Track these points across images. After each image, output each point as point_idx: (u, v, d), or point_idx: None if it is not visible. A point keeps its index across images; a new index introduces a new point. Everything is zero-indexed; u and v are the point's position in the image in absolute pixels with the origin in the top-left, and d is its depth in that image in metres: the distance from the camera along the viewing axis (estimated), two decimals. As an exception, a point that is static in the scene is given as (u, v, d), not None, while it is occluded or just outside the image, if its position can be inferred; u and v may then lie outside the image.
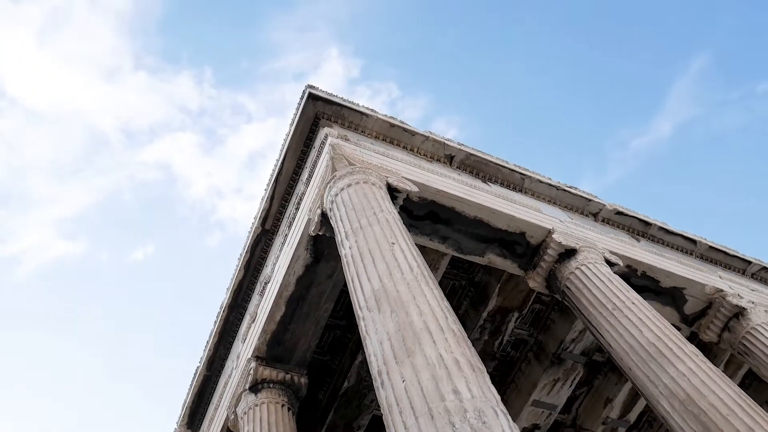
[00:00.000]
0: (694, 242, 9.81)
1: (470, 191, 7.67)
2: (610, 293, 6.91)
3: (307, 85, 7.74)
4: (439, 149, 8.31)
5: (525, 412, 10.11)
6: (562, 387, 10.00)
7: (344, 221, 6.05)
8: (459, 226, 7.60)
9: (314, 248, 7.27)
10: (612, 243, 8.45)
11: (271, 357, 7.97)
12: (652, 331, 6.35)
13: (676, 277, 8.42)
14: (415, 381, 3.97)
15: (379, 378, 4.33)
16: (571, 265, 7.53)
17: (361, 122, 7.99)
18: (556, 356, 9.73)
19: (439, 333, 4.35)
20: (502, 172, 8.64)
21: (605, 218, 9.32)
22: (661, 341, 6.19)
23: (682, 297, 8.60)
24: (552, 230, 7.77)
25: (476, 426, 3.54)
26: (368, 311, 4.84)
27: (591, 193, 9.49)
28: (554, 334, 9.78)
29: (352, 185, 6.46)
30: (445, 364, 4.03)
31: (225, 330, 9.10)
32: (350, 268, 5.51)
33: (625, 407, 10.32)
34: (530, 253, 7.94)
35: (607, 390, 10.32)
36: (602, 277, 7.19)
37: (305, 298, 7.67)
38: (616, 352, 6.57)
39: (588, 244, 7.80)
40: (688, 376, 5.87)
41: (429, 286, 4.93)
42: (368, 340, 4.70)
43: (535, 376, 9.94)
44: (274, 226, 8.42)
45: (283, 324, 7.76)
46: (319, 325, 8.00)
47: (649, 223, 9.48)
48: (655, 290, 8.52)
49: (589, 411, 10.61)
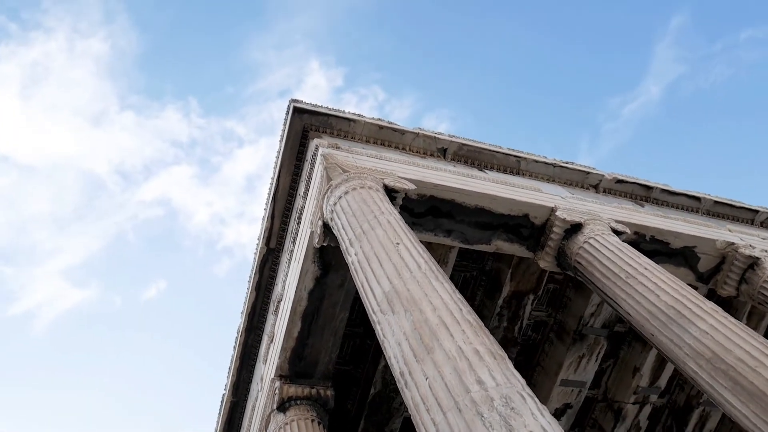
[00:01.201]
0: (699, 199, 9.77)
1: (468, 181, 7.65)
2: (622, 262, 6.87)
3: (291, 100, 7.74)
4: (431, 144, 8.30)
5: (555, 393, 10.07)
6: (588, 363, 9.96)
7: (346, 229, 6.04)
8: (461, 217, 7.58)
9: (321, 260, 7.25)
10: (616, 212, 8.41)
11: (295, 374, 7.95)
12: (669, 293, 6.31)
13: (685, 236, 8.37)
14: (438, 377, 3.94)
15: (402, 379, 4.30)
16: (578, 239, 7.50)
17: (350, 129, 7.98)
18: (577, 333, 9.68)
19: (456, 326, 4.33)
20: (496, 158, 8.62)
21: (606, 188, 9.29)
22: (680, 303, 6.14)
23: (695, 255, 8.55)
24: (555, 208, 7.74)
25: (505, 413, 3.51)
26: (382, 314, 4.82)
27: (589, 165, 9.47)
28: (572, 311, 9.74)
29: (350, 192, 6.45)
30: (466, 355, 4.00)
31: (245, 354, 9.09)
32: (359, 274, 5.49)
33: (654, 374, 10.27)
34: (536, 234, 7.91)
35: (634, 359, 10.27)
36: (611, 247, 7.15)
37: (320, 311, 7.65)
38: (636, 320, 6.53)
39: (593, 217, 7.76)
40: (711, 333, 5.82)
41: (439, 280, 4.90)
42: (386, 343, 4.67)
43: (560, 355, 9.90)
44: (278, 244, 8.42)
45: (301, 339, 7.74)
46: (337, 335, 7.98)
47: (651, 187, 9.45)
48: (667, 253, 8.47)
49: (618, 383, 10.56)
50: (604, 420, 10.78)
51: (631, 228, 8.06)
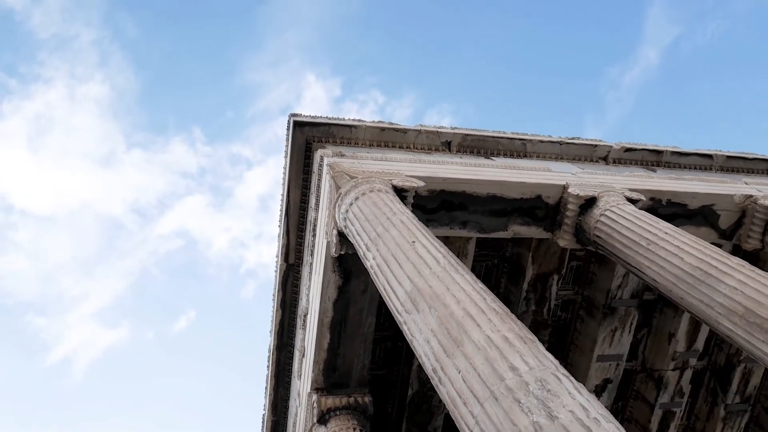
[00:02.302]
0: (711, 157, 9.67)
1: (476, 170, 7.63)
2: (641, 230, 6.81)
3: (290, 115, 7.77)
4: (435, 139, 8.29)
5: (593, 370, 9.99)
6: (621, 335, 9.87)
7: (361, 234, 6.04)
8: (474, 207, 7.56)
9: (341, 268, 7.26)
10: (629, 181, 8.35)
11: (330, 385, 7.96)
12: (693, 255, 6.24)
13: (702, 195, 8.28)
14: (470, 369, 3.93)
15: (435, 376, 4.30)
16: (594, 213, 7.44)
17: (352, 135, 8.00)
18: (607, 307, 9.61)
19: (482, 316, 4.31)
20: (502, 144, 8.59)
21: (616, 159, 9.23)
22: (704, 262, 6.07)
23: (714, 213, 8.46)
24: (567, 185, 7.70)
25: (542, 396, 3.49)
26: (407, 314, 4.81)
27: (596, 138, 9.41)
28: (599, 286, 9.67)
29: (360, 197, 6.45)
30: (495, 344, 3.99)
31: (279, 372, 9.13)
32: (379, 277, 5.50)
33: (690, 337, 10.16)
34: (551, 213, 7.87)
35: (667, 325, 10.17)
36: (628, 216, 7.09)
37: (346, 319, 7.66)
38: (663, 285, 6.46)
39: (606, 189, 7.70)
40: (741, 288, 5.75)
41: (459, 273, 4.89)
42: (415, 342, 4.67)
43: (592, 331, 9.82)
44: (297, 258, 8.44)
45: (332, 350, 7.75)
46: (367, 341, 7.98)
47: (661, 151, 9.36)
48: (685, 214, 8.39)
49: (655, 351, 10.46)
50: (646, 390, 10.69)
51: (646, 195, 7.99)
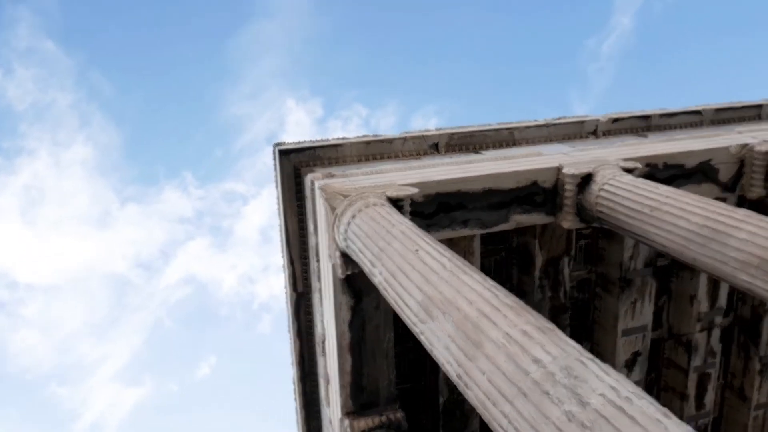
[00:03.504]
0: (699, 112, 9.62)
1: (467, 167, 7.58)
2: (642, 198, 6.74)
3: (274, 144, 7.75)
4: (421, 143, 8.25)
5: (619, 345, 9.88)
6: (642, 306, 9.77)
7: (364, 252, 5.98)
8: (473, 204, 7.50)
9: (350, 288, 7.20)
10: (622, 151, 8.29)
11: (360, 407, 7.87)
12: (698, 214, 6.16)
13: (697, 152, 8.21)
14: (494, 369, 3.85)
15: (461, 381, 4.22)
16: (593, 189, 7.38)
17: (339, 154, 7.96)
18: (622, 280, 9.51)
19: (497, 313, 4.24)
20: (489, 136, 8.55)
21: (605, 131, 9.18)
22: (711, 220, 6.00)
23: (712, 168, 8.38)
24: (560, 166, 7.64)
25: (570, 384, 3.42)
26: (422, 324, 4.74)
27: (582, 114, 9.36)
28: (611, 261, 9.58)
29: (356, 215, 6.40)
30: (515, 339, 3.91)
31: (307, 402, 9.04)
32: (389, 292, 5.43)
33: (711, 296, 10.05)
34: (550, 197, 7.80)
35: (686, 288, 10.07)
36: (627, 186, 7.02)
37: (365, 338, 7.58)
38: (674, 249, 6.38)
39: (600, 163, 7.64)
40: (752, 239, 5.67)
41: (467, 274, 4.82)
42: (435, 351, 4.60)
43: (613, 307, 9.72)
44: (305, 286, 8.38)
45: (355, 372, 7.67)
46: (389, 357, 7.89)
47: (648, 116, 9.32)
48: (684, 174, 8.31)
49: (679, 316, 10.35)
50: (677, 356, 10.56)
51: (641, 162, 7.93)
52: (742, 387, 11.09)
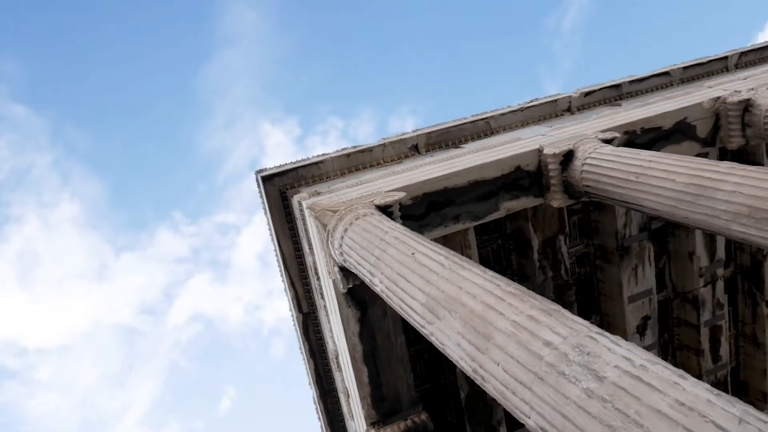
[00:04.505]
0: (668, 73, 9.72)
1: (449, 163, 7.63)
2: (625, 166, 6.81)
3: (256, 172, 7.78)
4: (401, 147, 8.30)
5: (628, 312, 9.94)
6: (644, 270, 9.84)
7: (362, 263, 6.01)
8: (461, 198, 7.54)
9: (355, 301, 7.23)
10: (599, 123, 8.36)
11: (384, 415, 7.89)
12: (683, 173, 6.24)
13: (672, 113, 8.30)
14: (507, 358, 3.89)
15: (477, 375, 4.26)
16: (576, 165, 7.44)
17: (321, 170, 8.00)
18: (620, 248, 9.59)
19: (501, 303, 4.28)
20: (466, 129, 8.61)
21: (579, 106, 9.26)
22: (696, 177, 6.07)
23: (689, 126, 8.47)
24: (540, 148, 7.70)
25: (583, 361, 3.46)
26: (430, 325, 4.78)
27: (554, 94, 9.44)
28: (606, 231, 9.66)
29: (348, 228, 6.43)
30: (523, 326, 3.96)
31: (331, 419, 9.05)
32: (392, 298, 5.46)
33: (709, 251, 10.15)
34: (536, 179, 7.86)
35: (684, 246, 10.16)
36: (609, 157, 7.09)
37: (377, 347, 7.61)
38: (665, 211, 6.44)
39: (579, 138, 7.71)
40: (739, 190, 5.74)
41: (466, 268, 4.86)
42: (447, 349, 4.63)
43: (615, 276, 9.80)
44: (310, 306, 8.40)
45: (373, 382, 7.69)
46: (404, 361, 7.92)
47: (619, 84, 9.41)
48: (663, 136, 8.40)
49: (681, 274, 10.43)
50: (686, 314, 10.64)
51: (619, 131, 8.01)
52: (755, 333, 11.19)
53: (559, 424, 3.36)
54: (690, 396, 2.91)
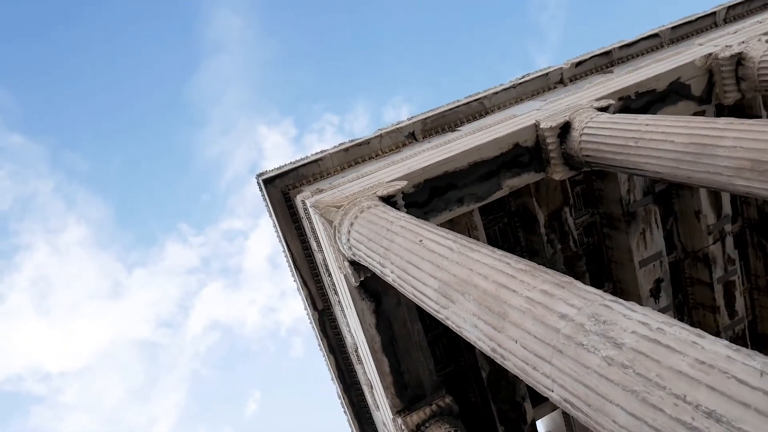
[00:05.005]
0: (657, 35, 9.68)
1: (448, 147, 7.64)
2: (623, 132, 6.80)
3: (257, 175, 7.81)
4: (398, 136, 8.31)
5: (640, 277, 9.97)
6: (652, 234, 9.85)
7: (371, 255, 6.04)
8: (463, 181, 7.56)
9: (368, 293, 7.26)
10: (592, 92, 8.35)
11: (408, 402, 7.95)
12: (681, 133, 6.24)
13: (664, 74, 8.27)
14: (524, 335, 3.93)
15: (497, 354, 4.29)
16: (574, 136, 7.44)
17: (321, 167, 8.02)
18: (626, 214, 9.60)
19: (513, 281, 4.31)
20: (461, 112, 8.61)
21: (571, 77, 9.24)
22: (694, 136, 6.07)
23: (684, 85, 8.45)
24: (537, 122, 7.70)
25: (600, 330, 3.49)
26: (445, 309, 4.81)
27: (544, 67, 9.42)
28: (610, 198, 9.66)
29: (354, 222, 6.46)
30: (537, 301, 3.98)
31: (357, 412, 9.11)
32: (405, 287, 5.49)
33: (716, 208, 10.14)
34: (535, 154, 7.86)
35: (690, 205, 10.16)
36: (606, 124, 7.09)
37: (395, 337, 7.65)
38: (667, 173, 6.45)
39: (575, 109, 7.70)
40: (739, 144, 5.74)
41: (475, 249, 4.89)
42: (464, 331, 4.66)
43: (624, 242, 9.81)
44: (324, 302, 8.45)
45: (395, 371, 7.74)
46: (423, 347, 7.97)
47: (608, 51, 9.38)
48: (658, 98, 8.38)
49: (690, 234, 10.44)
50: (698, 272, 10.66)
51: (613, 97, 7.99)
52: (768, 285, 11.21)
53: (582, 394, 3.39)
54: (709, 354, 2.93)
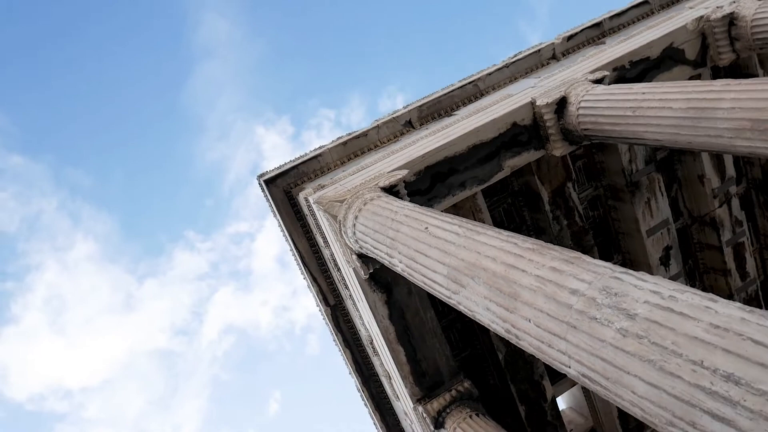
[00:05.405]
0: (647, 2, 9.63)
1: (446, 132, 7.62)
2: (620, 102, 6.77)
3: (258, 177, 7.81)
4: (394, 125, 8.29)
5: (649, 246, 9.94)
6: (657, 202, 9.82)
7: (378, 247, 6.04)
8: (463, 165, 7.54)
9: (378, 284, 7.27)
10: (586, 64, 8.30)
11: (428, 389, 7.97)
12: (678, 99, 6.20)
13: (657, 41, 8.22)
14: (537, 313, 3.92)
15: (511, 335, 4.29)
16: (571, 111, 7.40)
17: (321, 163, 8.01)
18: (629, 184, 9.57)
19: (521, 260, 4.30)
20: (456, 95, 8.57)
21: (563, 52, 9.19)
22: (692, 100, 6.03)
23: (677, 50, 8.39)
24: (533, 100, 7.66)
25: (612, 303, 3.48)
26: (456, 294, 4.81)
27: (536, 44, 9.37)
28: (612, 170, 9.63)
29: (358, 215, 6.45)
30: (547, 278, 3.98)
31: (378, 404, 9.14)
32: (415, 276, 5.49)
33: (719, 171, 10.10)
34: (534, 132, 7.83)
35: (693, 170, 10.12)
36: (602, 96, 7.06)
37: (409, 326, 7.67)
38: (668, 140, 6.41)
39: (570, 84, 7.66)
40: (738, 105, 5.70)
41: (481, 233, 4.88)
42: (477, 315, 4.66)
43: (629, 213, 9.78)
44: (335, 297, 8.46)
45: (412, 360, 7.76)
46: (438, 334, 7.98)
47: (599, 22, 9.32)
48: (653, 66, 8.33)
49: (695, 199, 10.40)
50: (706, 237, 10.63)
51: (607, 68, 7.95)
52: (778, 244, 11.17)
53: (599, 367, 3.39)
54: (723, 317, 2.92)
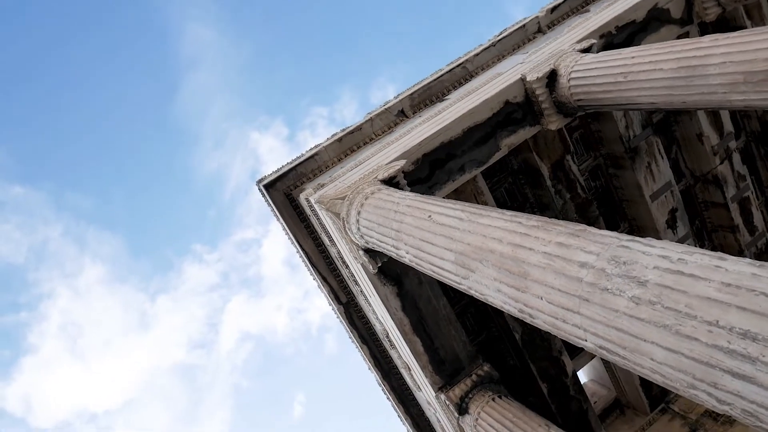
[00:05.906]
0: (627, -35, 9.52)
1: (440, 117, 7.58)
2: (611, 69, 6.72)
3: (257, 182, 7.79)
4: (388, 116, 8.26)
5: (654, 210, 9.91)
6: (658, 166, 9.78)
7: (384, 240, 6.03)
8: (460, 149, 7.51)
9: (388, 277, 7.27)
10: (572, 35, 8.24)
11: (448, 377, 7.97)
12: (668, 59, 6.15)
13: (642, 3, 8.13)
14: (549, 291, 3.91)
15: (525, 314, 4.28)
16: (563, 83, 7.36)
17: (318, 162, 7.99)
18: (629, 150, 9.52)
19: (527, 238, 4.28)
20: (446, 80, 8.53)
21: (549, 24, 9.12)
22: (683, 59, 5.98)
23: (663, 11, 8.32)
24: (522, 76, 7.62)
25: (622, 272, 3.46)
26: (466, 280, 4.80)
27: (520, 19, 9.31)
28: (610, 138, 9.58)
29: (361, 210, 6.44)
30: (554, 254, 3.96)
31: (400, 396, 9.15)
32: (423, 265, 5.48)
33: (717, 127, 10.04)
34: (527, 108, 7.79)
35: (690, 130, 10.06)
36: (592, 65, 7.01)
37: (423, 316, 7.66)
38: (662, 102, 6.37)
39: (558, 56, 7.61)
40: (729, 59, 5.64)
41: (485, 215, 4.86)
42: (489, 298, 4.65)
43: (631, 179, 9.74)
44: (347, 294, 8.46)
45: (429, 349, 7.76)
46: (452, 321, 7.98)
47: (582, -9, 9.24)
48: (639, 29, 8.26)
49: (695, 158, 10.35)
50: (711, 195, 10.58)
51: (594, 36, 7.90)
52: (783, 194, 11.11)
53: (615, 338, 3.38)
54: (734, 275, 2.90)
